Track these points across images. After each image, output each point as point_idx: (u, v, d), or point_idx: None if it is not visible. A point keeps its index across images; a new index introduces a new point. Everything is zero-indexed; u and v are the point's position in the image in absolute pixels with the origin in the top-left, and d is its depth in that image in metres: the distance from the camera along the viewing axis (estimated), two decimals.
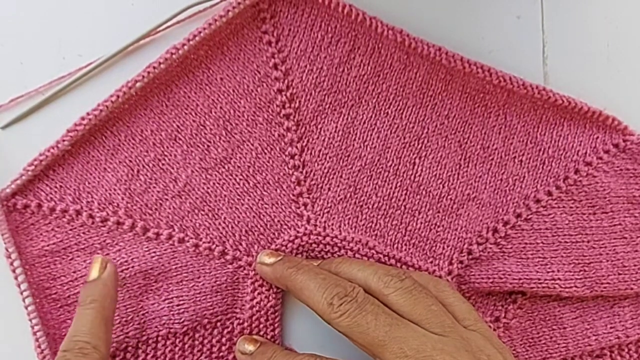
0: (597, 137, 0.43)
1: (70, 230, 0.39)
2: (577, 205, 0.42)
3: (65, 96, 0.40)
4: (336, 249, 0.39)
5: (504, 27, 0.43)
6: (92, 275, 0.36)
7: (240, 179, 0.40)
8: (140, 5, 0.41)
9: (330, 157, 0.40)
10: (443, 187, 0.41)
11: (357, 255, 0.39)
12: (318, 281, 0.35)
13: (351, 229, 0.40)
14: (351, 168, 0.41)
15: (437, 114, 0.41)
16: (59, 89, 0.40)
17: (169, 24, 0.40)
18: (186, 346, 0.39)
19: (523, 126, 0.42)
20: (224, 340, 0.39)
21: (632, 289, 0.42)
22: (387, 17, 0.40)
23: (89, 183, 0.39)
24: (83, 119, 0.39)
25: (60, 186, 0.39)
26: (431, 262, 0.40)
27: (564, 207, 0.42)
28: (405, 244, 0.41)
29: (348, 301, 0.33)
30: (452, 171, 0.41)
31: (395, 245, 0.40)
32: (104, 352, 0.33)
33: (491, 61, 0.41)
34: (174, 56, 0.38)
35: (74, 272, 0.39)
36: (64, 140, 0.39)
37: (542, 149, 0.42)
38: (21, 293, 0.38)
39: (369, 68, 0.41)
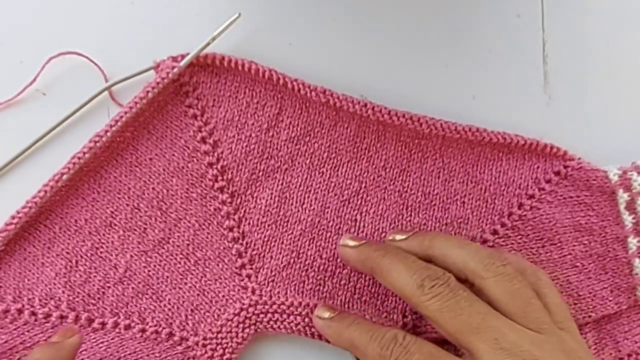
0: (538, 167, 0.42)
1: (15, 329, 0.38)
2: (524, 240, 0.42)
3: None
4: (285, 316, 0.39)
5: (504, 26, 0.43)
6: (53, 338, 0.35)
7: (180, 258, 0.39)
8: (140, 4, 0.41)
9: (269, 225, 0.40)
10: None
11: (305, 320, 0.39)
12: (408, 264, 0.33)
13: (298, 294, 0.40)
14: (292, 233, 0.40)
15: (374, 166, 0.41)
16: None
17: (87, 106, 0.40)
18: None
19: (462, 167, 0.42)
20: None
21: (590, 317, 0.42)
22: (387, 16, 0.41)
23: (28, 280, 0.39)
24: (13, 217, 0.38)
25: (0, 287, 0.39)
26: (385, 316, 0.40)
27: (512, 243, 0.42)
28: (356, 302, 0.40)
29: (440, 284, 0.32)
30: (394, 222, 0.41)
31: (346, 304, 0.40)
32: None
33: (491, 60, 0.41)
34: (97, 144, 0.38)
35: None
36: None
37: (484, 188, 0.42)
38: None
39: (299, 129, 0.40)
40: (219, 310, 0.39)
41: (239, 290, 0.39)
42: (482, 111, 0.43)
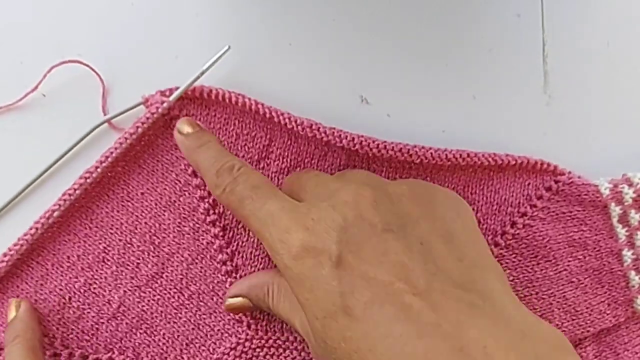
0: (529, 184, 0.42)
1: None
2: (519, 259, 0.42)
3: None
4: (280, 350, 0.39)
5: (504, 26, 0.43)
6: (10, 316, 0.37)
7: (174, 292, 0.39)
8: (140, 5, 0.41)
9: (262, 258, 0.40)
10: None
11: (302, 354, 0.39)
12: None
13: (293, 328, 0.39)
14: None
15: None
16: None
17: (81, 144, 0.39)
18: None
19: (453, 189, 0.42)
20: None
21: (588, 331, 0.42)
22: (386, 16, 0.40)
23: None
24: (5, 255, 0.38)
25: None
26: None
27: (507, 263, 0.42)
28: None
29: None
30: None
31: None
32: None
33: (491, 60, 0.41)
34: (88, 180, 0.38)
35: None
36: None
37: (476, 209, 0.42)
38: None
39: (289, 160, 0.40)
40: (214, 344, 0.39)
41: (234, 324, 0.39)
42: (482, 111, 0.43)
